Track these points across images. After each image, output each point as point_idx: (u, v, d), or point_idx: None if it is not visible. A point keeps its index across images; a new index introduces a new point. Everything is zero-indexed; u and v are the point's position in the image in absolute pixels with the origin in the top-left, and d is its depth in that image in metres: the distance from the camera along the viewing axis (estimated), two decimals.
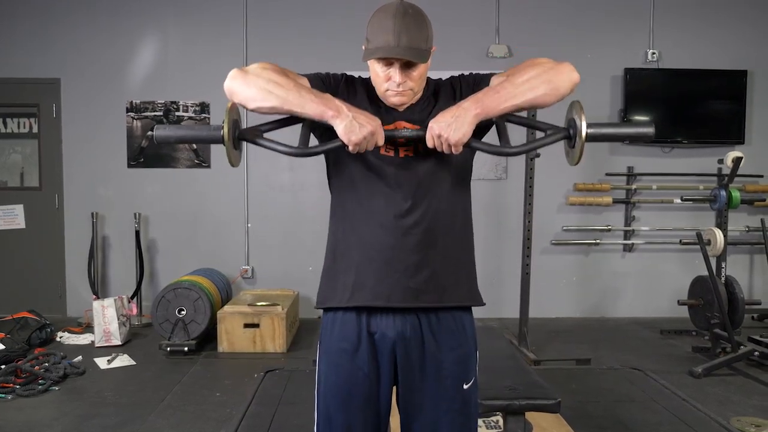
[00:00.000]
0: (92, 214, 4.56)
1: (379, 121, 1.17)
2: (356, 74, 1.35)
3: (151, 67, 4.65)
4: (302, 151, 1.17)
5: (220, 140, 1.14)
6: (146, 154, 4.66)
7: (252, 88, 1.16)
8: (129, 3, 4.62)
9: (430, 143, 1.17)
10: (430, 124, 1.16)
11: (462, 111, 1.14)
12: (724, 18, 4.73)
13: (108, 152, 4.64)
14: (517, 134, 4.96)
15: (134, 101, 4.65)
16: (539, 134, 1.28)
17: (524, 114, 1.25)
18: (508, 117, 1.20)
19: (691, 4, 4.73)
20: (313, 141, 1.28)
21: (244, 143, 1.24)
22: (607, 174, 4.71)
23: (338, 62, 4.52)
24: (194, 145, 4.68)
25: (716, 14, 4.74)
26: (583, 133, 1.14)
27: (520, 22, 4.68)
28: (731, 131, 4.68)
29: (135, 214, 4.54)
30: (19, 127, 4.68)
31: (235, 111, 1.19)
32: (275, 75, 1.16)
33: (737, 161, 3.72)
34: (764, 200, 4.62)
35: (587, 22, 4.72)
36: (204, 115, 4.67)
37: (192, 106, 4.66)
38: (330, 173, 1.33)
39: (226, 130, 1.13)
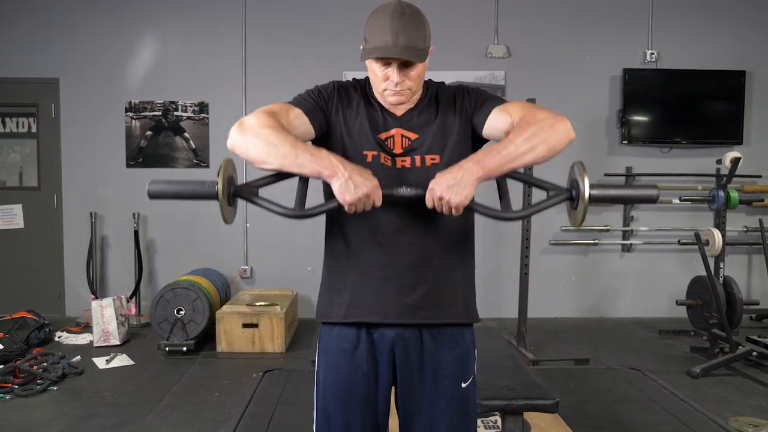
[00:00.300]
0: (91, 213, 4.55)
1: (376, 182, 1.12)
2: (355, 75, 1.35)
3: (150, 67, 4.65)
4: (299, 213, 1.16)
5: (214, 197, 1.12)
6: (145, 154, 4.66)
7: (253, 150, 1.15)
8: (128, 3, 4.62)
9: (429, 204, 1.13)
10: (431, 186, 1.12)
11: (464, 173, 1.11)
12: (722, 18, 4.74)
13: (107, 152, 4.64)
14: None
15: (133, 101, 4.65)
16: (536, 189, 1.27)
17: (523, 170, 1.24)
18: (511, 176, 1.18)
19: (690, 5, 4.74)
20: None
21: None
22: (605, 174, 4.72)
23: (337, 62, 4.56)
24: (193, 145, 4.68)
25: (715, 15, 4.74)
26: (586, 195, 1.13)
27: (519, 22, 4.68)
28: (730, 132, 4.69)
29: (134, 214, 4.53)
30: (17, 127, 4.68)
31: (230, 168, 1.17)
32: (272, 133, 1.13)
33: (735, 161, 3.72)
34: (762, 200, 4.62)
35: (586, 22, 4.73)
36: (203, 114, 4.67)
37: (191, 106, 4.66)
38: (326, 188, 1.31)
39: (220, 187, 1.11)
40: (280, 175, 1.19)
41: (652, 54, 4.68)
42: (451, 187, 1.10)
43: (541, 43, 4.70)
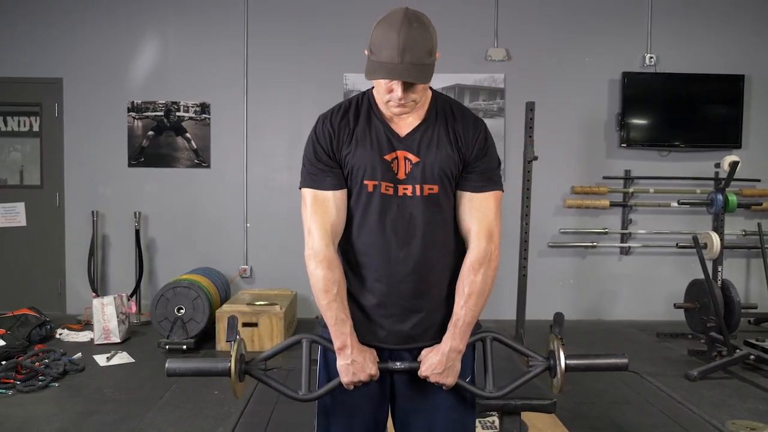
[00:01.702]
0: (93, 212, 4.58)
1: (374, 371, 1.24)
2: (356, 76, 1.36)
3: (152, 68, 4.68)
4: (306, 397, 1.28)
5: (226, 374, 1.24)
6: (147, 153, 4.69)
7: (313, 289, 1.29)
8: (130, 4, 4.65)
9: (422, 375, 1.26)
10: (422, 370, 1.25)
11: (450, 360, 1.25)
12: (721, 23, 4.77)
13: (109, 151, 4.66)
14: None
15: (135, 101, 4.67)
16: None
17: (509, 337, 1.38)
18: (493, 337, 1.32)
19: (689, 9, 4.77)
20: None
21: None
22: (604, 177, 4.74)
23: (338, 63, 4.59)
24: (194, 145, 4.71)
25: (714, 19, 4.77)
26: (563, 366, 1.27)
27: (519, 25, 4.71)
28: (728, 135, 4.71)
29: (135, 213, 4.56)
30: (19, 126, 4.71)
31: (242, 346, 1.28)
32: (319, 285, 1.26)
33: (734, 165, 3.74)
34: (761, 204, 4.65)
35: (585, 26, 4.76)
36: (204, 115, 4.70)
37: (192, 107, 4.69)
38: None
39: (232, 365, 1.23)
40: (287, 347, 1.34)
41: (651, 58, 4.71)
42: (441, 373, 1.25)
43: (540, 47, 4.72)
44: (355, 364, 1.23)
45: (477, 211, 1.28)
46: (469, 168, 1.28)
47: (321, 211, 1.26)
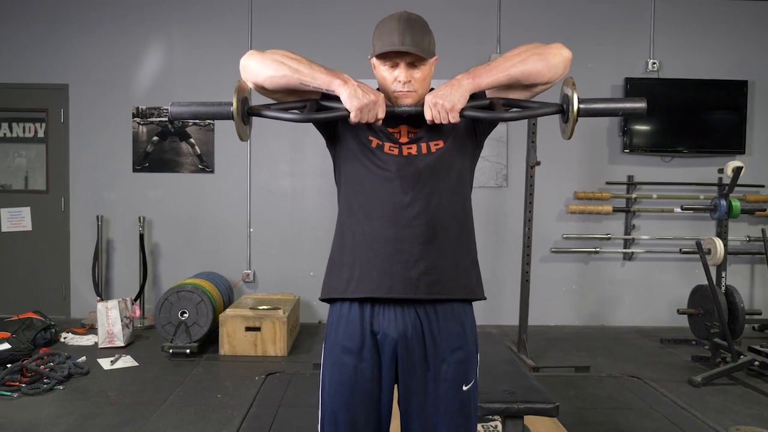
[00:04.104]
0: (97, 217, 4.61)
1: (382, 95, 1.24)
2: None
3: (156, 74, 4.72)
4: (307, 117, 1.26)
5: (229, 115, 1.23)
6: (151, 158, 4.72)
7: (266, 61, 1.26)
8: (136, 11, 4.69)
9: (428, 115, 1.23)
10: (426, 97, 1.24)
11: (456, 81, 1.23)
12: (724, 29, 4.78)
13: (114, 157, 4.70)
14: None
15: (140, 107, 4.71)
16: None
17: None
18: (503, 100, 1.27)
19: (692, 15, 4.79)
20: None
21: (254, 119, 1.33)
22: (607, 183, 4.75)
23: (342, 70, 4.60)
24: (198, 151, 4.74)
25: (717, 25, 4.78)
26: (575, 107, 1.20)
27: (521, 31, 4.73)
28: (732, 141, 4.71)
29: (139, 218, 4.58)
30: (24, 132, 4.75)
31: (244, 89, 1.28)
32: (289, 52, 1.27)
33: (737, 171, 3.74)
34: (765, 210, 4.64)
35: (588, 32, 4.77)
36: (208, 121, 4.72)
37: None
38: (336, 169, 1.40)
39: (235, 105, 1.22)
40: (292, 104, 1.29)
41: (654, 63, 4.72)
42: (444, 93, 1.21)
43: None
44: (362, 86, 1.23)
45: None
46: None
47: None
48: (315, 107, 1.28)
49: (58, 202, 4.72)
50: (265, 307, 3.92)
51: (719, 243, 3.83)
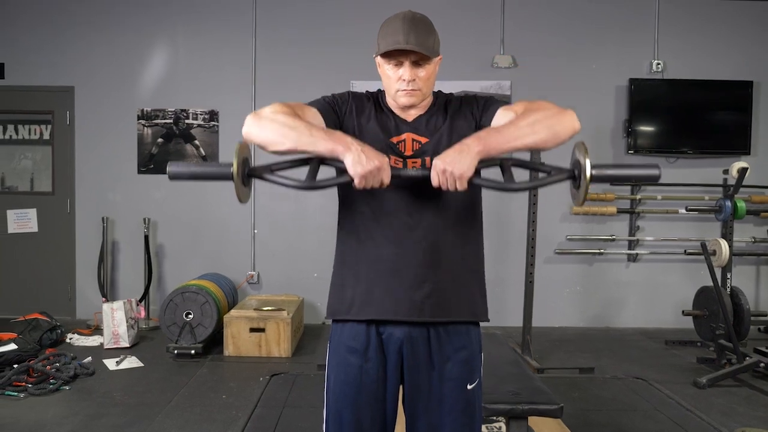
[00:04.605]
0: (103, 218, 4.63)
1: (387, 159, 1.17)
2: (364, 84, 1.41)
3: (161, 76, 4.74)
4: (310, 185, 1.19)
5: (229, 177, 1.17)
6: (156, 160, 4.74)
7: (267, 133, 1.19)
8: (141, 14, 4.72)
9: (435, 181, 1.17)
10: (434, 161, 1.16)
11: (465, 147, 1.16)
12: (729, 29, 4.77)
13: (119, 158, 4.72)
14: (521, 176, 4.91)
15: (145, 109, 4.74)
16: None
17: (528, 157, 1.26)
18: (513, 161, 1.22)
19: (696, 16, 4.77)
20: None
21: (254, 179, 1.27)
22: (611, 184, 4.74)
23: (346, 71, 4.63)
24: (203, 152, 4.75)
25: (721, 25, 4.77)
26: (588, 174, 1.15)
27: (525, 32, 4.73)
28: (737, 142, 4.69)
29: (144, 219, 4.61)
30: (29, 134, 4.78)
31: (245, 149, 1.22)
32: (287, 118, 1.19)
33: (742, 172, 3.73)
34: None
35: (592, 32, 4.77)
36: (213, 123, 4.75)
37: (201, 114, 4.74)
38: (339, 187, 1.37)
39: (235, 167, 1.16)
40: (295, 162, 1.23)
41: (659, 64, 4.71)
42: (453, 159, 1.14)
43: (547, 53, 4.74)
44: (366, 151, 1.14)
45: (520, 103, 1.27)
46: (485, 112, 1.31)
47: (294, 105, 1.27)
48: (318, 163, 1.22)
49: (63, 204, 4.75)
50: (270, 308, 3.93)
51: (724, 244, 3.81)
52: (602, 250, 4.76)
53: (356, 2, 4.69)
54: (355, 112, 1.33)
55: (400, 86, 1.27)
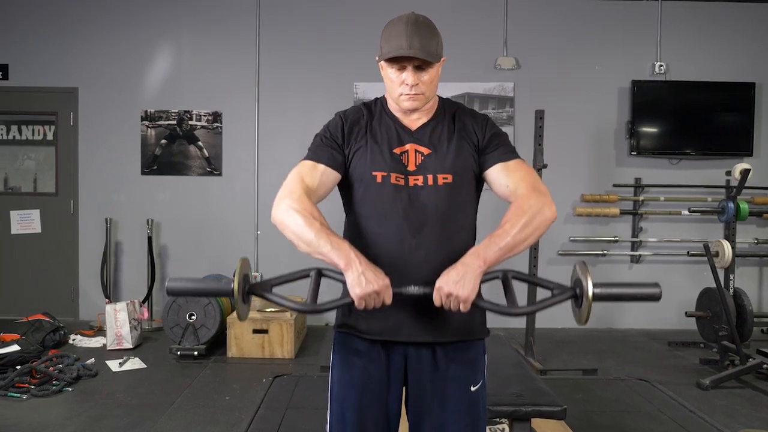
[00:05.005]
0: (106, 219, 4.64)
1: (387, 281, 1.16)
2: (366, 86, 1.41)
3: (165, 77, 4.76)
4: (311, 308, 1.20)
5: (230, 294, 1.17)
6: (159, 161, 4.75)
7: (288, 234, 1.26)
8: (144, 15, 4.73)
9: (437, 302, 1.17)
10: (438, 284, 1.16)
11: (467, 268, 1.16)
12: (731, 31, 4.77)
13: (122, 159, 4.73)
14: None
15: (149, 110, 4.75)
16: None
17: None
18: (514, 274, 1.24)
19: (699, 17, 4.77)
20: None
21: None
22: (614, 185, 4.73)
23: (349, 73, 4.64)
24: (206, 153, 4.77)
25: (723, 27, 4.77)
26: (590, 294, 1.16)
27: (528, 34, 4.74)
28: (739, 143, 4.69)
29: (148, 220, 4.62)
30: (33, 134, 4.80)
31: (246, 266, 1.23)
32: (300, 221, 1.21)
33: (745, 173, 3.73)
34: None
35: (595, 34, 4.77)
36: (216, 124, 4.76)
37: (204, 115, 4.76)
38: (344, 201, 1.38)
39: (236, 285, 1.16)
40: (294, 276, 1.27)
41: (661, 66, 4.71)
42: (457, 283, 1.14)
43: (549, 55, 4.74)
44: (366, 273, 1.14)
45: (516, 173, 1.29)
46: (488, 149, 1.32)
47: (306, 173, 1.29)
48: (319, 276, 1.24)
49: (67, 205, 4.76)
50: (273, 309, 3.93)
51: (727, 245, 3.81)
52: (605, 252, 4.75)
53: (359, 5, 4.70)
54: (352, 134, 1.31)
55: (403, 90, 1.27)
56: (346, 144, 1.32)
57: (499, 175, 1.30)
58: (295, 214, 1.22)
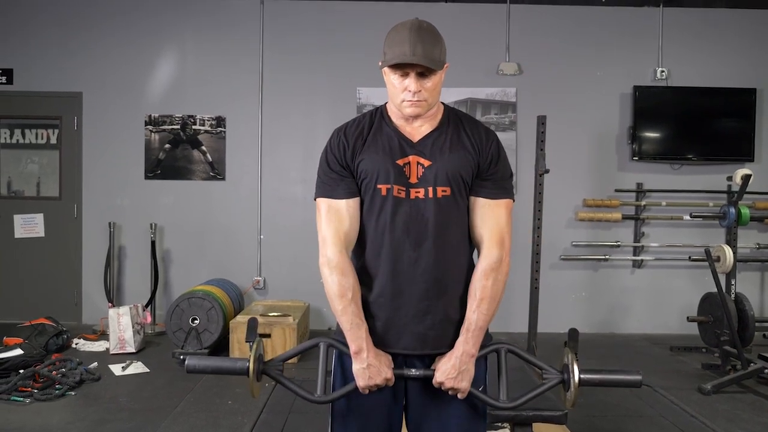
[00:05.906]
0: (110, 223, 4.66)
1: (390, 375, 1.27)
2: (369, 90, 1.41)
3: (169, 82, 4.79)
4: (322, 400, 1.30)
5: (245, 373, 1.27)
6: (163, 166, 4.78)
7: (325, 290, 1.34)
8: (149, 20, 4.77)
9: (437, 386, 1.29)
10: (438, 379, 1.27)
11: (462, 363, 1.27)
12: (732, 36, 4.79)
13: (126, 164, 4.76)
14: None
15: (153, 115, 4.78)
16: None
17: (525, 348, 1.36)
18: (507, 349, 1.33)
19: (700, 23, 4.79)
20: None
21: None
22: (616, 190, 4.75)
23: (352, 78, 4.67)
24: (210, 158, 4.79)
25: (725, 33, 4.79)
26: (576, 380, 1.27)
27: (530, 40, 4.76)
28: (740, 149, 4.70)
29: (151, 225, 4.63)
30: (36, 138, 4.82)
31: (260, 347, 1.32)
32: (334, 289, 1.30)
33: (746, 178, 3.73)
34: None
35: (597, 40, 4.79)
36: (220, 129, 4.78)
37: (208, 120, 4.78)
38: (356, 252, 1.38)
39: (251, 364, 1.26)
40: (306, 349, 1.37)
41: (663, 72, 4.73)
42: (455, 377, 1.27)
43: (552, 61, 4.76)
44: (371, 368, 1.25)
45: (489, 219, 1.31)
46: (484, 175, 1.32)
47: (335, 219, 1.31)
48: (327, 348, 1.33)
49: (70, 209, 4.78)
50: (276, 313, 3.94)
51: (728, 250, 3.81)
52: (607, 256, 4.76)
53: (363, 10, 4.73)
54: (356, 153, 1.31)
55: (405, 96, 1.27)
56: (351, 160, 1.31)
57: (479, 211, 1.32)
58: (333, 278, 1.30)
